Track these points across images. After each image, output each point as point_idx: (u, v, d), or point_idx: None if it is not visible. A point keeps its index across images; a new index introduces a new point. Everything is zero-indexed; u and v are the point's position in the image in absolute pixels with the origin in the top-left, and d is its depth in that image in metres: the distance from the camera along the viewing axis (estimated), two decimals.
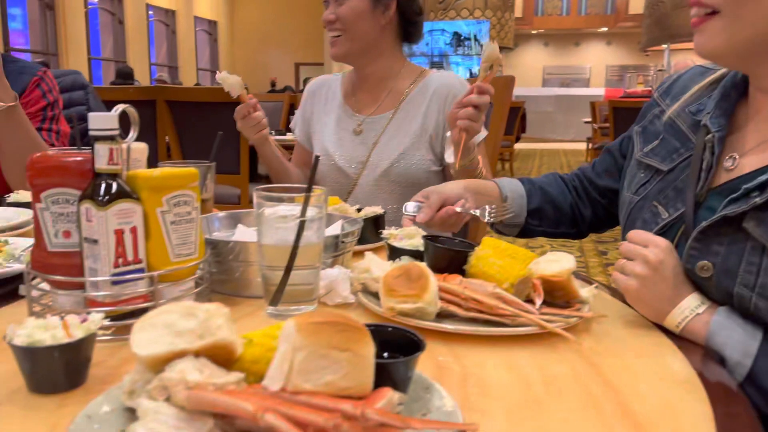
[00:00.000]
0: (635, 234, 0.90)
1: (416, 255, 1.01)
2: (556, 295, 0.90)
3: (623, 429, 0.61)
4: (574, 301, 0.91)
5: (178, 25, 17.10)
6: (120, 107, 0.81)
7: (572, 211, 1.30)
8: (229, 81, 1.53)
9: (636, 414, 0.64)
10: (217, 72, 1.54)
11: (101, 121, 0.75)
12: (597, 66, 20.93)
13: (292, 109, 5.16)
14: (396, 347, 0.63)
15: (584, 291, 0.91)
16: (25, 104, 1.69)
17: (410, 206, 1.26)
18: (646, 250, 0.86)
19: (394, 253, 1.05)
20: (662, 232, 0.95)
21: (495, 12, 12.47)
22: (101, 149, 0.76)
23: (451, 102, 1.64)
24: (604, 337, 0.85)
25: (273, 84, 14.80)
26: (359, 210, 1.34)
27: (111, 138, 0.76)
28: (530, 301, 0.87)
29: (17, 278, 0.97)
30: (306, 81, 1.75)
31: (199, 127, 3.58)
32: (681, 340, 0.84)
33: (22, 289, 0.92)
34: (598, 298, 0.92)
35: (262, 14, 19.59)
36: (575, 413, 0.64)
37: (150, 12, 15.76)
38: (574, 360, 0.77)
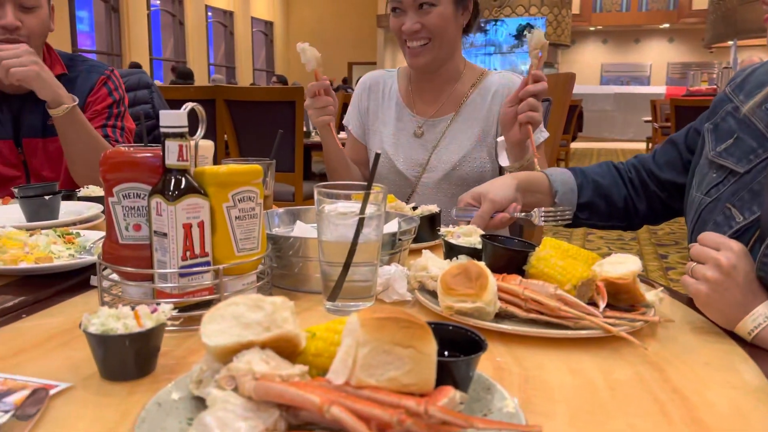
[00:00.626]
0: (707, 236, 0.86)
1: (473, 253, 1.00)
2: (621, 298, 0.88)
3: None
4: (639, 305, 0.88)
5: (236, 26, 17.50)
6: (189, 105, 0.83)
7: (625, 203, 1.26)
8: (308, 53, 1.48)
9: (705, 423, 0.62)
10: (299, 43, 1.49)
11: (172, 118, 0.78)
12: (658, 63, 20.27)
13: (345, 108, 5.19)
14: (456, 346, 0.63)
15: (650, 294, 0.88)
16: (93, 102, 1.76)
17: (458, 212, 1.25)
18: (718, 253, 0.83)
19: (452, 250, 1.05)
20: (735, 236, 0.91)
21: (551, 8, 12.24)
22: (171, 146, 0.78)
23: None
24: (671, 342, 0.82)
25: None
26: (415, 208, 1.34)
27: (181, 135, 0.78)
28: (593, 303, 0.85)
29: (88, 269, 1.01)
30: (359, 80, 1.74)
31: (256, 126, 3.66)
32: (753, 347, 0.81)
33: (94, 280, 0.96)
34: (664, 302, 0.90)
35: (317, 14, 19.85)
36: (641, 419, 0.62)
37: (209, 13, 16.19)
38: (639, 365, 0.74)
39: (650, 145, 10.00)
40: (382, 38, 18.73)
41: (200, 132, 0.87)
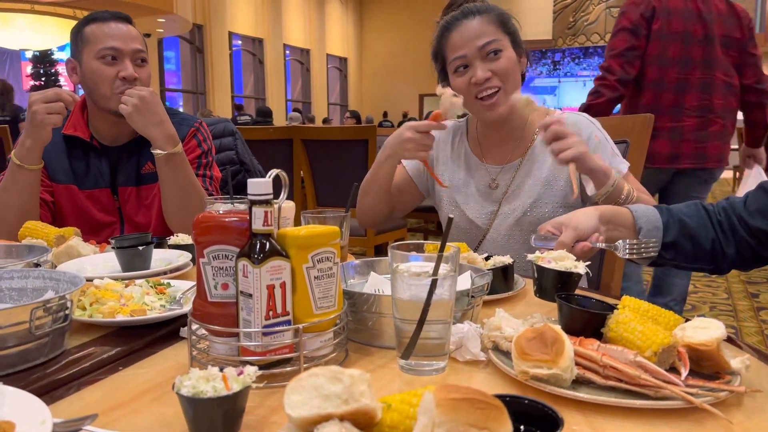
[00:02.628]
0: None
1: (566, 277, 1.01)
2: (704, 365, 0.85)
3: None
4: (723, 372, 0.85)
5: (312, 63, 18.14)
6: (273, 172, 0.89)
7: (713, 246, 1.21)
8: (452, 101, 1.44)
9: None
10: (439, 86, 1.50)
11: (259, 187, 0.83)
12: None
13: None
14: (532, 421, 0.63)
15: (735, 362, 0.85)
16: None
17: (537, 240, 1.24)
18: None
19: (542, 274, 1.04)
20: None
21: None
22: (258, 212, 0.83)
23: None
24: (757, 413, 0.79)
25: (405, 115, 15.22)
26: (488, 258, 1.34)
27: (267, 202, 0.83)
28: (674, 369, 0.82)
29: (178, 319, 1.08)
30: (429, 114, 1.73)
31: (330, 162, 3.78)
32: None
33: (183, 332, 1.03)
34: (750, 369, 0.86)
35: (389, 48, 20.28)
36: None
37: (287, 51, 16.87)
38: None
39: (738, 174, 9.49)
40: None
41: (283, 196, 0.92)
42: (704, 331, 0.85)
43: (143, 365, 0.94)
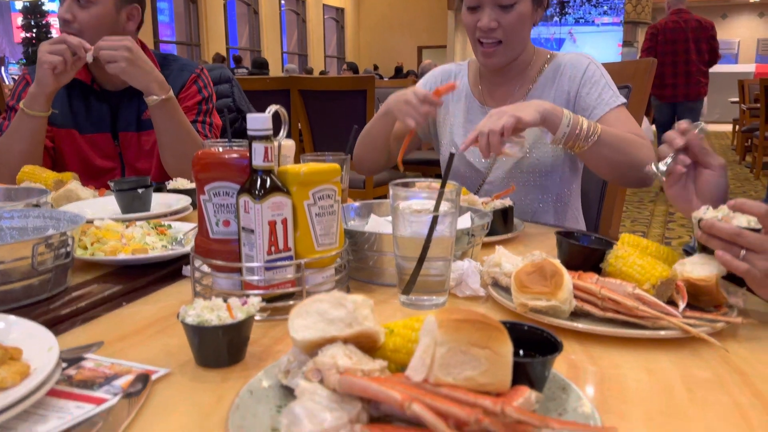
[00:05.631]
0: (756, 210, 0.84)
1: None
2: (701, 300, 0.86)
3: None
4: (721, 306, 0.86)
5: (308, 13, 17.75)
6: (273, 108, 0.88)
7: None
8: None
9: None
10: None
11: (258, 122, 0.82)
12: (747, 40, 19.02)
13: None
14: (532, 346, 0.64)
15: (732, 298, 0.86)
16: (184, 98, 1.86)
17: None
18: None
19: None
20: None
21: None
22: (258, 148, 0.83)
23: (579, 82, 1.56)
24: (753, 343, 0.80)
25: (398, 69, 14.98)
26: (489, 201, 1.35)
27: (266, 138, 0.83)
28: (672, 303, 0.84)
29: (180, 259, 1.09)
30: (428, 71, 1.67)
31: (328, 114, 3.73)
32: None
33: (186, 270, 1.04)
34: (747, 303, 0.87)
35: None
36: (720, 423, 0.62)
37: (282, 1, 16.48)
38: (719, 367, 0.73)
39: (737, 127, 9.44)
40: (452, 21, 18.46)
41: (283, 133, 0.91)
42: (704, 266, 0.86)
43: (146, 301, 0.95)
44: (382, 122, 1.64)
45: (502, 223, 1.31)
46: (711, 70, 6.20)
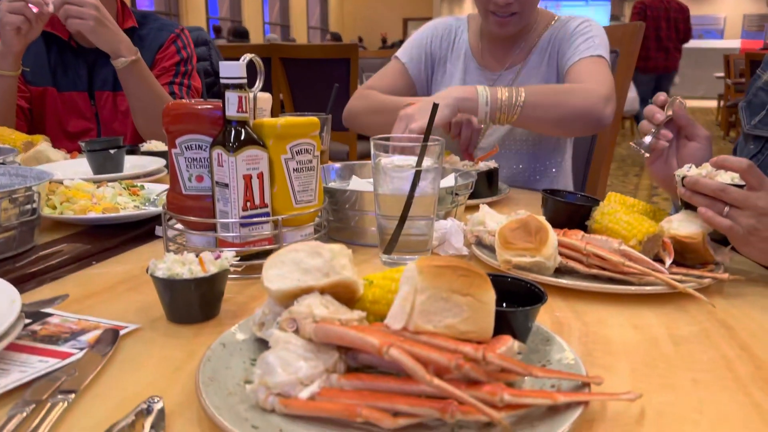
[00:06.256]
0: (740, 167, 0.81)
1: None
2: (688, 257, 0.85)
3: (762, 394, 0.57)
4: (707, 264, 0.85)
5: None
6: (247, 56, 0.84)
7: None
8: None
9: None
10: None
11: (231, 69, 0.78)
12: (733, 16, 19.03)
13: None
14: (516, 298, 0.62)
15: (719, 256, 0.84)
16: (161, 59, 1.80)
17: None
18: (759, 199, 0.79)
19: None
20: None
21: None
22: (231, 97, 0.79)
23: (567, 38, 1.50)
24: (739, 299, 0.79)
25: (384, 40, 14.79)
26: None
27: (240, 86, 0.79)
28: (659, 260, 0.82)
29: (153, 220, 1.05)
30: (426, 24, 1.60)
31: (311, 83, 3.66)
32: None
33: (159, 230, 1.00)
34: (733, 261, 0.86)
35: None
36: (706, 374, 0.60)
37: None
38: (706, 322, 0.72)
39: (722, 102, 9.48)
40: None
41: (258, 84, 0.87)
42: (691, 224, 0.84)
43: (118, 261, 0.92)
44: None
45: (486, 185, 1.28)
46: (697, 45, 7.31)
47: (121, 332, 0.66)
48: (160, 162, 1.38)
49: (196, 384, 0.52)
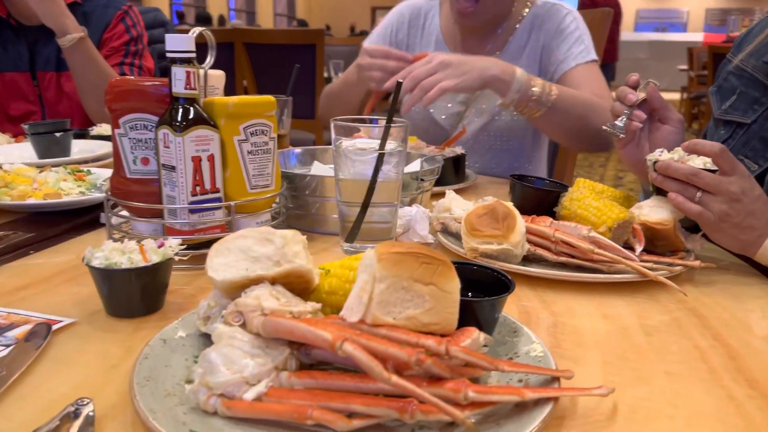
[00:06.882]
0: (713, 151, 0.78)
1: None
2: (658, 244, 0.82)
3: (736, 385, 0.54)
4: (678, 251, 0.82)
5: None
6: (197, 30, 0.78)
7: None
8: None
9: (750, 370, 0.57)
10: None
11: (178, 42, 0.72)
12: (696, 9, 19.38)
13: None
14: (482, 287, 0.59)
15: (690, 243, 0.82)
16: (110, 38, 1.71)
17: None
18: (730, 184, 0.76)
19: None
20: None
21: None
22: (178, 72, 0.73)
23: (553, 34, 1.44)
24: (711, 287, 0.77)
25: (352, 29, 14.66)
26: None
27: (188, 61, 0.73)
28: (629, 247, 0.79)
29: (99, 207, 0.98)
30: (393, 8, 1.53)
31: (276, 70, 3.58)
32: None
33: (103, 217, 0.93)
34: (704, 248, 0.84)
35: None
36: (680, 366, 0.58)
37: None
38: (677, 311, 0.69)
39: (684, 95, 9.65)
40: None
41: (210, 60, 0.81)
42: (661, 210, 0.82)
43: (58, 250, 0.85)
44: (353, 86, 1.45)
45: (453, 172, 1.25)
46: (661, 38, 7.61)
47: (54, 327, 0.60)
48: (109, 146, 1.31)
49: (130, 384, 0.47)
